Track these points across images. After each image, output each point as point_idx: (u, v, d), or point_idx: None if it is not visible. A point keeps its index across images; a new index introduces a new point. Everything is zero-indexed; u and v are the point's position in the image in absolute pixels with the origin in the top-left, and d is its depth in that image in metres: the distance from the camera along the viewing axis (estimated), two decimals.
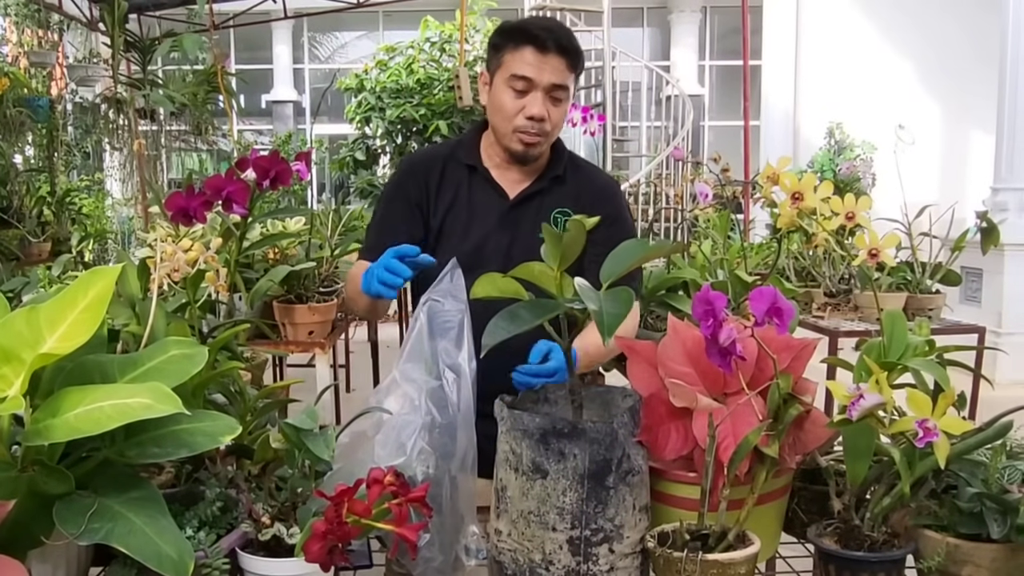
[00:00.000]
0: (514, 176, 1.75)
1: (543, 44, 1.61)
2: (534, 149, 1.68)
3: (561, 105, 1.67)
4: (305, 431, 1.07)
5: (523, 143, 1.67)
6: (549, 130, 1.67)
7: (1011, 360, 5.18)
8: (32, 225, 4.03)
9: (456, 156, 1.76)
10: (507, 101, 1.64)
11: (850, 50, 10.14)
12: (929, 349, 1.24)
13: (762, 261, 3.11)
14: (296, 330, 2.62)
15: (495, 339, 1.04)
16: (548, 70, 1.62)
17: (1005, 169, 6.26)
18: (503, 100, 1.65)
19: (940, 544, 1.13)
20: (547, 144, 1.72)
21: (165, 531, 0.90)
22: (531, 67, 1.61)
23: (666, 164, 8.04)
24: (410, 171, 1.76)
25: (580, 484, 1.09)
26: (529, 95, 1.63)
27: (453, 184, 1.73)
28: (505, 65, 1.65)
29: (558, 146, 1.78)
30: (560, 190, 1.76)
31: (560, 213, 1.73)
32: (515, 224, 1.72)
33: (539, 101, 1.63)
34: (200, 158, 7.48)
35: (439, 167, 1.74)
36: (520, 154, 1.69)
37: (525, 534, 1.12)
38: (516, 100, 1.64)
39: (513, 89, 1.63)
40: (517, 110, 1.64)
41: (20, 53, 5.54)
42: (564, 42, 1.63)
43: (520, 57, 1.62)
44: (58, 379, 0.97)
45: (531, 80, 1.62)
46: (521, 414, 1.12)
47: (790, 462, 1.20)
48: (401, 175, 1.78)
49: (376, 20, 12.97)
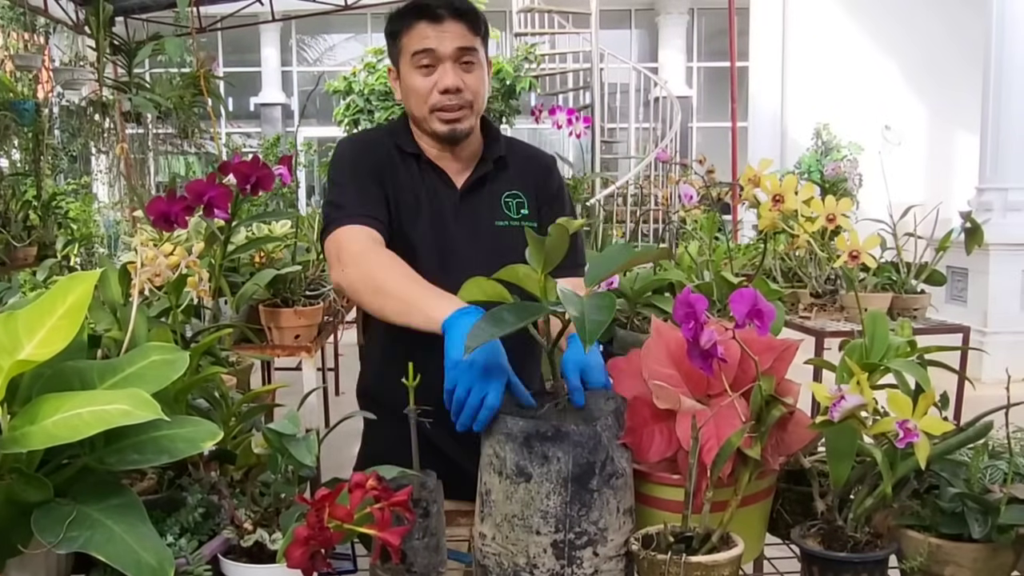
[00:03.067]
0: (455, 166, 1.65)
1: (434, 14, 1.53)
2: (460, 125, 1.58)
3: (475, 70, 1.57)
4: (287, 436, 1.06)
5: (444, 121, 1.57)
6: (471, 99, 1.58)
7: (996, 359, 5.22)
8: (18, 229, 4.00)
9: (398, 144, 1.64)
10: (417, 82, 1.56)
11: (837, 51, 10.20)
12: (911, 350, 1.24)
13: (749, 262, 3.11)
14: (282, 334, 2.61)
15: (479, 341, 1.03)
16: (448, 37, 1.53)
17: (990, 169, 6.31)
18: (413, 82, 1.56)
19: (922, 544, 1.14)
20: (474, 118, 1.61)
21: (145, 538, 0.90)
22: (430, 39, 1.53)
23: (654, 166, 8.06)
24: (366, 149, 1.64)
25: (564, 487, 1.09)
26: (437, 68, 1.54)
27: (406, 173, 1.63)
28: (405, 48, 1.56)
29: (491, 129, 1.70)
30: (504, 174, 1.68)
31: (510, 196, 1.66)
32: (471, 214, 1.64)
33: (449, 71, 1.54)
34: (187, 161, 7.45)
35: (388, 152, 1.63)
36: (446, 134, 1.59)
37: (509, 537, 1.11)
38: (426, 78, 1.55)
39: (420, 67, 1.55)
40: (430, 87, 1.55)
41: (5, 56, 5.51)
42: (457, 4, 1.55)
43: (417, 33, 1.54)
44: (36, 386, 0.96)
45: (434, 51, 1.53)
46: (505, 417, 1.12)
47: (773, 463, 1.21)
48: (358, 152, 1.63)
49: (364, 23, 12.97)
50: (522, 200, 1.66)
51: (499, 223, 1.63)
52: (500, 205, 1.65)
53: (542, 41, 8.81)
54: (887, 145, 9.55)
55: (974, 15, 7.17)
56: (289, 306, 2.60)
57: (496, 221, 1.63)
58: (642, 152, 9.24)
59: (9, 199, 4.06)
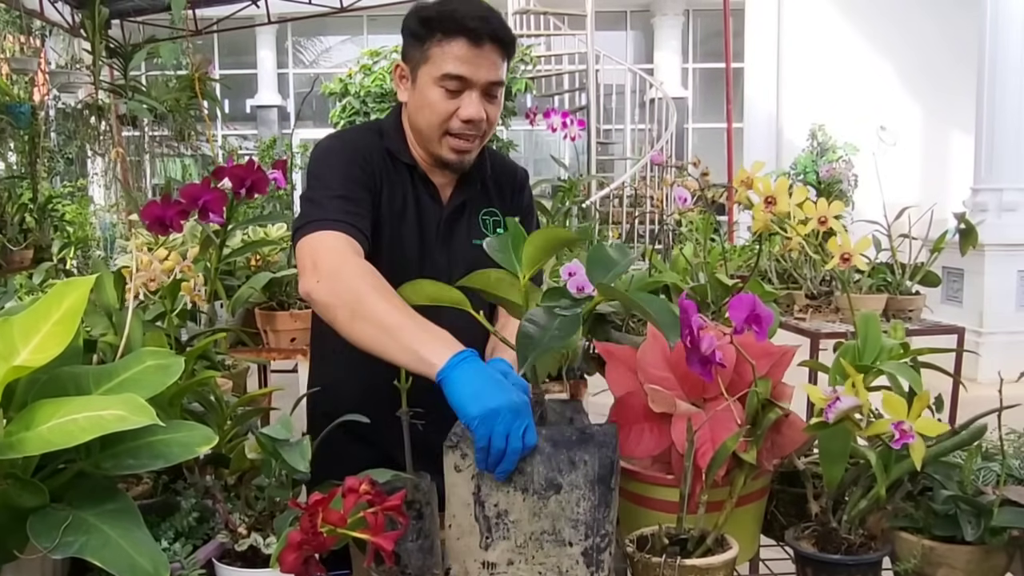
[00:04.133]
0: (443, 180, 1.56)
1: (478, 36, 1.39)
2: (467, 156, 1.49)
3: (497, 101, 1.47)
4: (280, 441, 1.06)
5: (455, 150, 1.47)
6: (486, 129, 1.48)
7: (992, 359, 5.24)
8: (14, 232, 4.00)
9: (389, 149, 1.52)
10: (437, 102, 1.43)
11: (832, 52, 10.23)
12: (904, 352, 1.25)
13: (744, 263, 3.12)
14: (278, 337, 2.61)
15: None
16: (485, 66, 1.41)
17: (985, 169, 6.32)
18: (432, 101, 1.43)
19: (916, 546, 1.14)
20: (480, 147, 1.52)
21: (140, 543, 0.90)
22: (466, 64, 1.40)
23: (649, 167, 8.07)
24: (357, 149, 1.50)
25: (592, 491, 1.06)
26: (463, 95, 1.42)
27: (399, 183, 1.51)
28: (432, 61, 1.42)
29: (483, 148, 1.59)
30: (484, 190, 1.60)
31: (487, 214, 1.59)
32: (452, 231, 1.55)
33: (475, 101, 1.42)
34: (184, 164, 7.45)
35: (380, 158, 1.51)
36: (454, 162, 1.49)
37: (536, 557, 1.07)
38: (448, 101, 1.42)
39: (444, 89, 1.42)
40: (450, 112, 1.43)
41: (1, 59, 5.50)
42: (500, 32, 1.42)
43: (451, 52, 1.40)
44: (32, 391, 0.96)
45: (466, 79, 1.41)
46: None
47: (768, 465, 1.21)
48: (349, 151, 1.49)
49: (360, 24, 12.97)
50: (499, 218, 1.59)
51: (476, 241, 1.53)
52: (478, 222, 1.58)
53: (538, 43, 8.80)
54: (882, 146, 9.57)
55: (968, 16, 7.20)
56: (285, 309, 2.60)
57: (473, 239, 1.55)
58: (638, 153, 9.24)
59: (5, 202, 4.06)
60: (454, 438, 1.10)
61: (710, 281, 1.93)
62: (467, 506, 1.08)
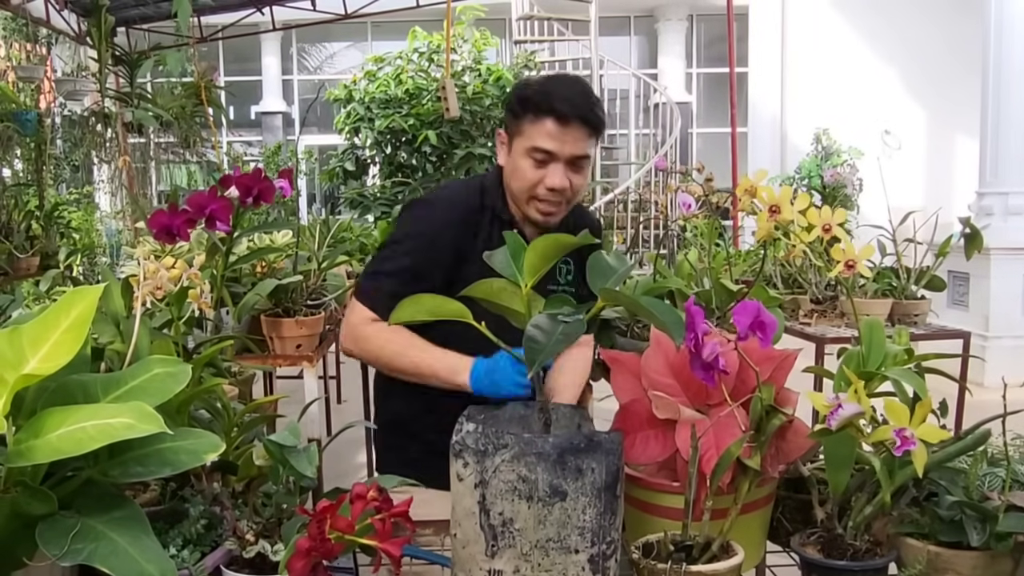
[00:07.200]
0: (532, 230, 1.67)
1: (565, 117, 1.54)
2: (553, 218, 1.63)
3: (583, 172, 1.61)
4: (288, 447, 1.07)
5: (541, 212, 1.61)
6: (571, 196, 1.62)
7: (998, 364, 5.21)
8: (20, 239, 4.01)
9: (489, 207, 1.67)
10: (526, 170, 1.58)
11: (836, 56, 10.23)
12: (908, 357, 1.25)
13: (749, 268, 3.12)
14: (284, 344, 2.61)
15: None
16: (570, 142, 1.56)
17: (990, 173, 6.30)
18: (522, 168, 1.59)
19: (921, 552, 1.14)
20: (567, 209, 1.65)
21: (148, 550, 0.90)
22: (552, 140, 1.55)
23: (654, 172, 8.07)
24: (447, 221, 1.65)
25: (598, 498, 1.06)
26: (550, 166, 1.57)
27: (489, 234, 1.65)
28: (525, 135, 1.58)
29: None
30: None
31: (563, 262, 1.69)
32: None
33: (560, 172, 1.57)
34: (189, 170, 7.47)
35: (476, 219, 1.66)
36: (541, 223, 1.63)
37: (542, 564, 1.07)
38: (536, 170, 1.58)
39: (533, 159, 1.57)
40: (537, 180, 1.58)
41: (8, 67, 5.53)
42: (587, 115, 1.56)
43: (540, 129, 1.55)
44: (41, 399, 0.97)
45: (552, 153, 1.56)
46: (533, 438, 1.08)
47: (772, 472, 1.21)
48: (437, 225, 1.64)
49: (364, 31, 13.01)
50: (570, 267, 1.71)
51: (550, 286, 1.66)
52: (555, 270, 1.67)
53: (542, 48, 8.83)
54: (887, 149, 9.56)
55: (972, 20, 7.19)
56: (290, 316, 2.60)
57: (548, 285, 1.65)
58: (642, 158, 9.26)
59: (12, 209, 4.08)
60: (456, 447, 1.10)
61: (715, 286, 1.93)
62: (472, 515, 1.08)
